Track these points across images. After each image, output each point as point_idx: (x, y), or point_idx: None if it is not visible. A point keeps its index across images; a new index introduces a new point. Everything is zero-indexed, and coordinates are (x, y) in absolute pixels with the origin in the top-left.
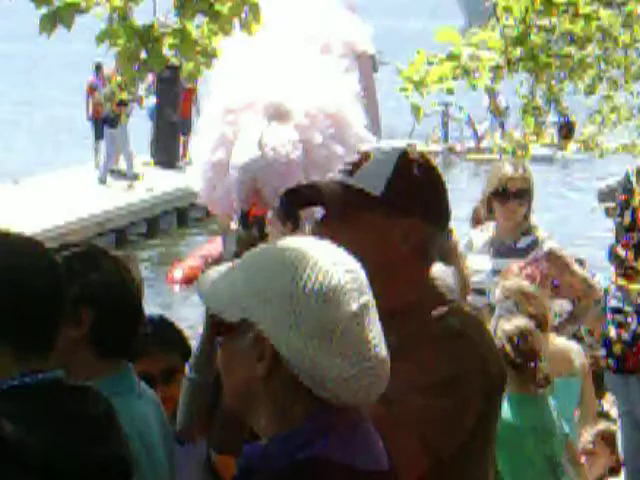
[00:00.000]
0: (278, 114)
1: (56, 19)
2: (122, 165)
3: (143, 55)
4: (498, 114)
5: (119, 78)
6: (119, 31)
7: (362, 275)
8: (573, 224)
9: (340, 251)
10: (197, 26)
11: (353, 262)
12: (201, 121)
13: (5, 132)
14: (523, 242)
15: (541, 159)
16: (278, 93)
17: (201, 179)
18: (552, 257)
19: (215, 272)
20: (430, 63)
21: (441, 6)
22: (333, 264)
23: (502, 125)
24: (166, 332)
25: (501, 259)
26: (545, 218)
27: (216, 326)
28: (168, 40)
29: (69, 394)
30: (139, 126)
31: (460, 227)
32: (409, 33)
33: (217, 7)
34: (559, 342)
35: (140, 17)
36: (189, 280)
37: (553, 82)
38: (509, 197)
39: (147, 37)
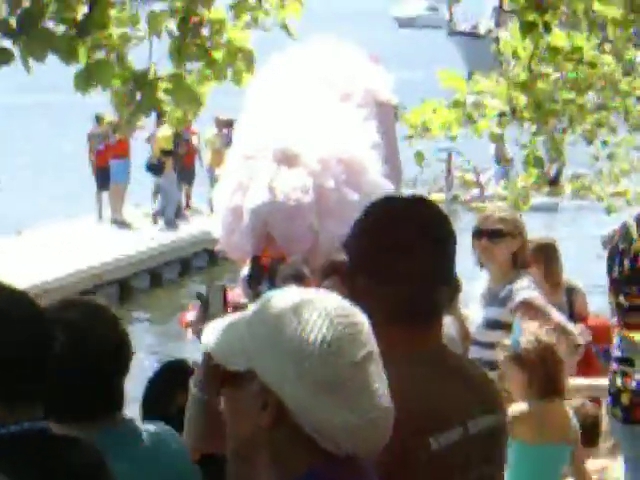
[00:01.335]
0: (286, 158)
1: (90, 77)
2: (125, 216)
3: (137, 97)
4: (504, 163)
5: (111, 118)
6: (110, 72)
7: (366, 325)
8: (580, 272)
9: (344, 302)
10: (189, 72)
11: (357, 312)
12: (222, 168)
13: (18, 182)
14: (504, 291)
15: (546, 208)
16: (287, 138)
17: (220, 224)
18: (525, 307)
19: (221, 322)
20: (434, 112)
21: (440, 55)
22: (337, 315)
23: (506, 175)
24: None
25: (491, 308)
26: None
27: (221, 376)
28: (162, 85)
29: (57, 444)
30: (140, 176)
31: (468, 276)
32: (409, 83)
33: (213, 54)
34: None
35: (136, 62)
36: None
37: (555, 133)
38: (481, 236)
39: (142, 81)
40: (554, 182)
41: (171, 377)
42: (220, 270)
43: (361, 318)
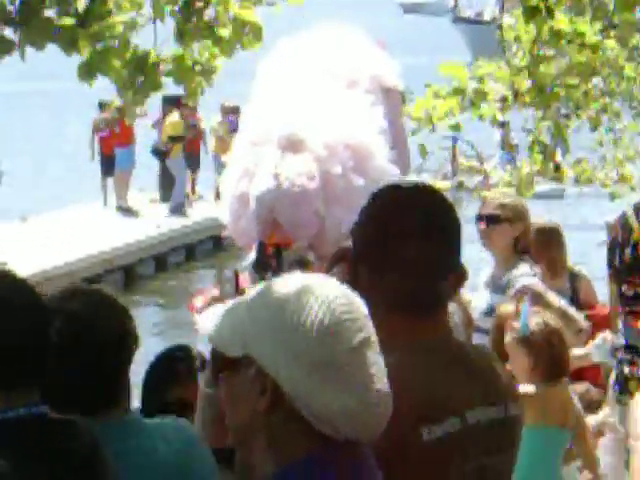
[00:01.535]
0: (291, 144)
1: (93, 67)
2: (130, 202)
3: (139, 80)
4: (509, 149)
5: (117, 102)
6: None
7: (363, 310)
8: (584, 259)
9: (343, 288)
10: (197, 45)
11: (355, 299)
12: (228, 155)
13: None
14: (505, 278)
15: (551, 195)
16: (292, 124)
17: (227, 211)
18: (524, 293)
19: (218, 308)
20: (437, 96)
21: (445, 42)
22: (334, 299)
23: (512, 161)
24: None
25: (494, 295)
26: None
27: (218, 361)
28: (166, 67)
29: (54, 428)
30: (145, 162)
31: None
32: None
33: (219, 32)
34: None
35: (141, 45)
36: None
37: (559, 118)
38: (480, 220)
39: (143, 63)
40: (558, 168)
41: (169, 365)
42: (225, 256)
43: (359, 304)
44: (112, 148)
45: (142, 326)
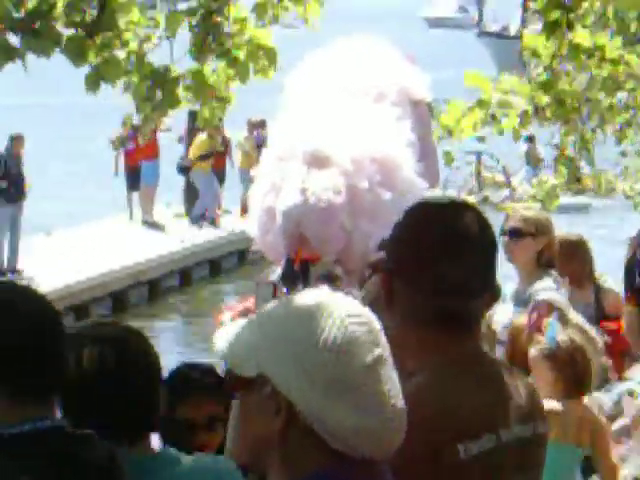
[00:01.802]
0: (316, 160)
1: (100, 77)
2: (156, 217)
3: (158, 95)
4: (535, 163)
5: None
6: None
7: (377, 327)
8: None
9: (354, 303)
10: (213, 70)
11: (368, 314)
12: (257, 169)
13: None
14: (527, 292)
15: (576, 209)
16: (317, 140)
17: (256, 225)
18: (541, 307)
19: (233, 326)
20: (463, 114)
21: (470, 56)
22: (347, 316)
23: (537, 175)
24: (210, 379)
25: (517, 308)
26: None
27: (233, 380)
28: (184, 83)
29: (70, 442)
30: (171, 177)
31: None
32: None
33: (235, 53)
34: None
35: (157, 61)
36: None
37: (583, 129)
38: (503, 234)
39: (163, 78)
40: (579, 180)
41: (180, 383)
42: (250, 270)
43: (373, 321)
44: (137, 162)
45: (167, 340)
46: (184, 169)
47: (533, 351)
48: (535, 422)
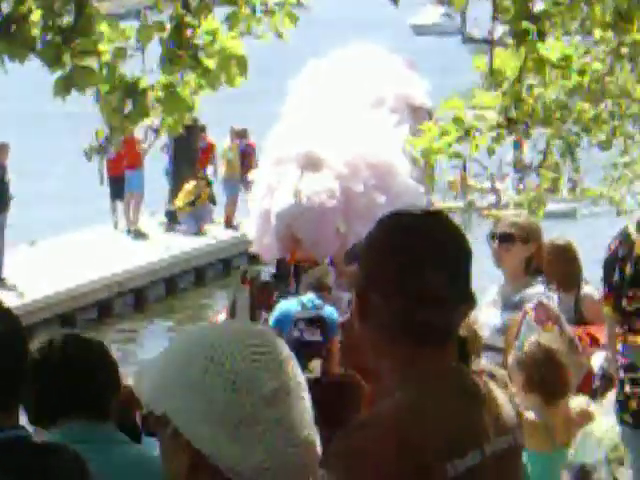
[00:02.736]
0: (310, 163)
1: (71, 83)
2: (141, 226)
3: (128, 106)
4: (521, 167)
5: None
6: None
7: (282, 357)
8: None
9: (258, 333)
10: (182, 80)
11: (272, 344)
12: (255, 172)
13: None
14: (518, 297)
15: (563, 215)
16: (312, 143)
17: (254, 227)
18: (539, 310)
19: (147, 362)
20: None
21: (456, 63)
22: (243, 348)
23: (521, 181)
24: None
25: (506, 312)
26: None
27: (147, 417)
28: (153, 94)
29: (36, 453)
30: (156, 184)
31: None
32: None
33: (206, 63)
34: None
35: (128, 72)
36: None
37: (567, 134)
38: (493, 239)
39: (133, 89)
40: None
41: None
42: (235, 279)
43: (275, 349)
44: (120, 170)
45: (152, 348)
46: (171, 214)
47: (510, 359)
48: (514, 433)
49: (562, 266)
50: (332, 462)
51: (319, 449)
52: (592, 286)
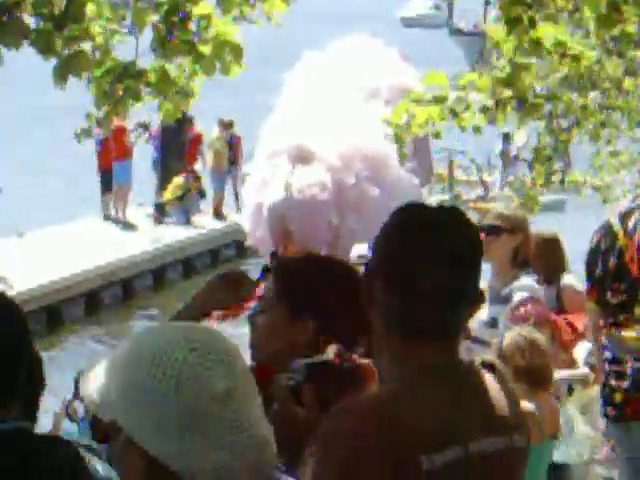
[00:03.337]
0: (301, 157)
1: (67, 69)
2: (129, 217)
3: (120, 90)
4: (510, 162)
5: (96, 113)
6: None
7: (233, 356)
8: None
9: (208, 332)
10: (177, 65)
11: (221, 342)
12: (249, 165)
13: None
14: (506, 290)
15: (552, 207)
16: (304, 136)
17: (247, 220)
18: (525, 305)
19: (99, 367)
20: (415, 101)
21: (445, 54)
22: (190, 350)
23: (511, 174)
24: None
25: (492, 306)
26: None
27: (98, 424)
28: (146, 78)
29: (33, 444)
30: (144, 175)
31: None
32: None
33: (200, 48)
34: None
35: (120, 56)
36: (224, 317)
37: (557, 128)
38: (480, 230)
39: (126, 73)
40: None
41: None
42: (223, 269)
43: (221, 349)
44: (109, 162)
45: None
46: (159, 206)
47: (490, 356)
48: (512, 435)
49: (548, 258)
50: (313, 443)
51: (274, 447)
52: (573, 275)
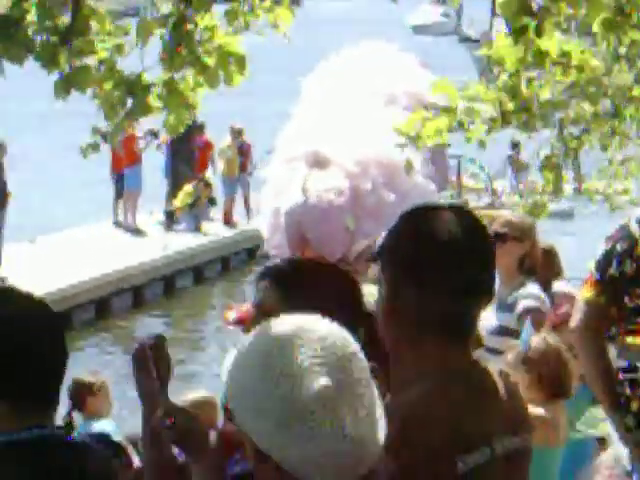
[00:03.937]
0: (317, 162)
1: (70, 83)
2: (139, 223)
3: (128, 104)
4: (519, 170)
5: (102, 126)
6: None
7: (343, 351)
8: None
9: (318, 327)
10: (182, 78)
11: (332, 337)
12: (267, 170)
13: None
14: (512, 297)
15: (561, 214)
16: (321, 142)
17: (265, 226)
18: (524, 316)
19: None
20: (424, 122)
21: (455, 61)
22: (299, 346)
23: (519, 181)
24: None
25: (501, 313)
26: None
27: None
28: (155, 91)
29: (66, 450)
30: (155, 181)
31: None
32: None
33: (205, 59)
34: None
35: (126, 69)
36: (241, 321)
37: (566, 137)
38: None
39: (135, 86)
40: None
41: None
42: (233, 277)
43: (334, 343)
44: (121, 168)
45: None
46: (169, 213)
47: (510, 357)
48: (524, 434)
49: (545, 270)
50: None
51: (377, 445)
52: (564, 282)
